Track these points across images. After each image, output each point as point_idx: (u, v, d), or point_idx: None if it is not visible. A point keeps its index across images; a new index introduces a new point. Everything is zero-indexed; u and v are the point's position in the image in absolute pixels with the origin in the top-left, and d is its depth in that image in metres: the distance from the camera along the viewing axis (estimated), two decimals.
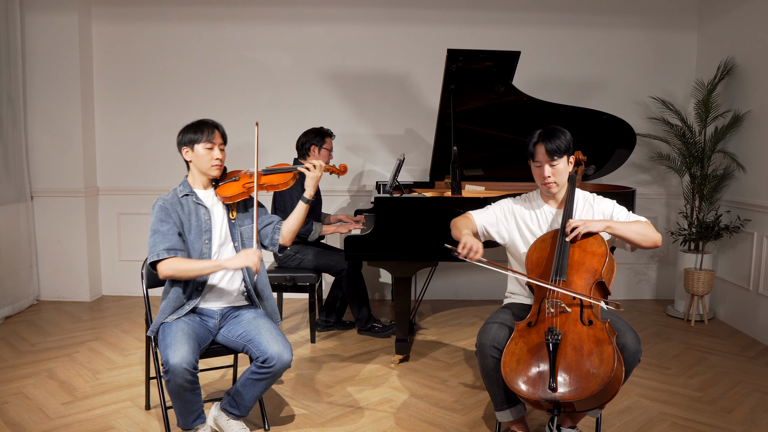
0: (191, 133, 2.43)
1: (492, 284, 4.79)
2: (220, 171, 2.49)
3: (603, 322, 2.09)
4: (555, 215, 2.45)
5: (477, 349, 2.28)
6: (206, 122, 2.46)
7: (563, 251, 2.25)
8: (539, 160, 2.37)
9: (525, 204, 2.52)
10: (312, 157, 3.79)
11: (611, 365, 1.95)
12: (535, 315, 2.20)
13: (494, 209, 2.54)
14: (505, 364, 2.09)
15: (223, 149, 2.47)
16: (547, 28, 4.66)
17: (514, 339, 2.15)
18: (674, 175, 4.67)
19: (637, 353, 2.14)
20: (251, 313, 2.47)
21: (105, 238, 4.84)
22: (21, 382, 3.12)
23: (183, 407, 2.29)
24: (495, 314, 2.38)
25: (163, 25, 4.64)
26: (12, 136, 4.31)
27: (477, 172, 4.15)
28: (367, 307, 3.86)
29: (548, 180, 2.36)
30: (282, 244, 2.56)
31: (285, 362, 2.29)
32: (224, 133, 2.50)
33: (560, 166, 2.35)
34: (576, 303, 2.16)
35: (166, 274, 2.30)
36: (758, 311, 3.92)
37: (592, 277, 2.21)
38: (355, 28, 4.65)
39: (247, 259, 2.29)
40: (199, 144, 2.42)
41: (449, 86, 3.44)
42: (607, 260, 2.23)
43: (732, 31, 4.27)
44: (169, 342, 2.21)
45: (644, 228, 2.33)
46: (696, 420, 2.74)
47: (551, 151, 2.32)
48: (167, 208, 2.38)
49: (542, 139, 2.36)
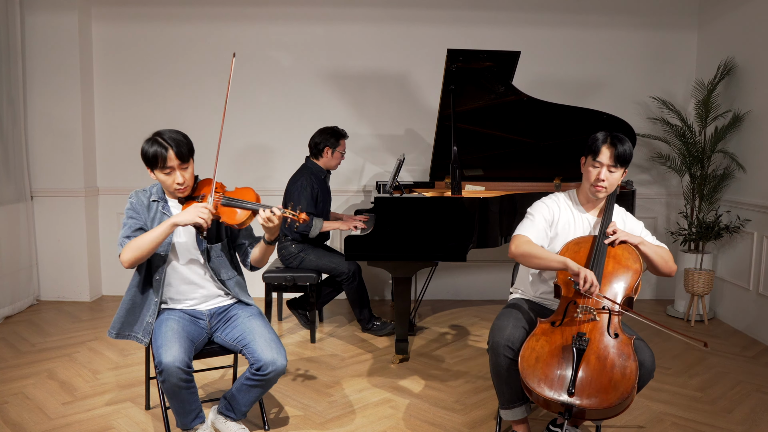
0: (146, 160, 2.26)
1: (492, 284, 4.80)
2: (186, 194, 2.32)
3: (629, 338, 2.09)
4: (594, 224, 2.42)
5: (489, 347, 2.27)
6: (157, 144, 2.23)
7: (600, 260, 2.22)
8: (601, 161, 2.29)
9: (565, 207, 2.44)
10: (325, 158, 3.79)
11: (632, 381, 1.96)
12: (560, 316, 2.18)
13: (539, 220, 2.39)
14: (523, 359, 2.07)
15: (186, 167, 2.27)
16: (547, 28, 4.66)
17: (536, 335, 2.14)
18: (674, 175, 4.67)
19: (652, 371, 2.15)
20: (245, 312, 2.44)
21: (105, 238, 4.83)
22: (21, 382, 3.12)
23: (180, 407, 2.28)
24: (507, 312, 2.35)
25: (163, 25, 4.64)
26: (12, 136, 4.31)
27: (477, 172, 4.15)
28: (368, 308, 3.87)
29: (600, 184, 2.30)
30: (252, 266, 2.47)
31: (279, 369, 2.26)
32: (182, 150, 2.24)
33: (617, 175, 2.31)
34: (605, 312, 2.15)
35: (127, 257, 2.21)
36: (758, 311, 3.92)
37: (624, 291, 2.21)
38: (355, 28, 4.65)
39: (198, 214, 2.15)
40: (154, 172, 2.27)
41: (449, 86, 3.44)
42: (640, 278, 2.23)
43: (732, 31, 4.27)
44: (161, 342, 2.21)
45: (667, 254, 2.35)
46: (696, 420, 2.74)
47: (619, 157, 2.27)
48: (135, 207, 2.35)
49: (612, 141, 2.28)
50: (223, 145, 2.52)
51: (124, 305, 2.43)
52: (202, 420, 2.38)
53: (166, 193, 2.40)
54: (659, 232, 4.85)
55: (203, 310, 2.46)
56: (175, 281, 2.42)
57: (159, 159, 2.23)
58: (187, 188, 2.31)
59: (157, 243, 2.22)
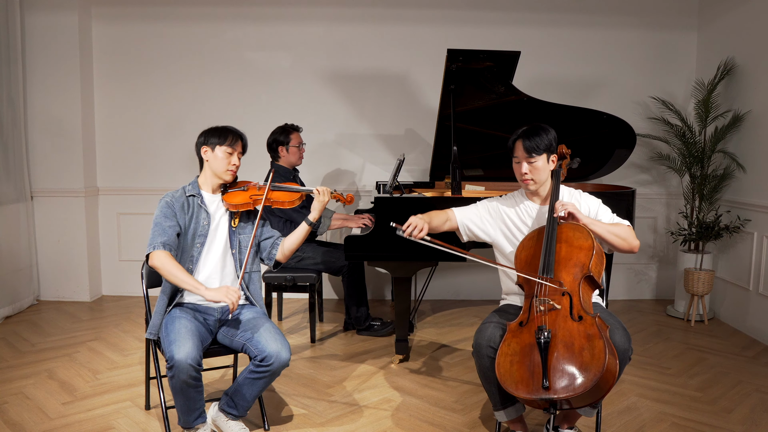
0: (216, 136, 2.48)
1: (492, 284, 4.79)
2: (233, 177, 2.53)
3: (593, 317, 2.07)
4: (539, 211, 2.46)
5: (474, 350, 2.29)
6: (232, 130, 2.52)
7: (551, 245, 2.24)
8: (517, 156, 2.40)
9: (509, 202, 2.55)
10: (283, 156, 3.77)
11: (602, 359, 1.93)
12: (526, 314, 2.19)
13: (478, 207, 2.57)
14: (499, 366, 2.08)
15: (240, 158, 2.52)
16: (547, 28, 4.66)
17: (506, 340, 2.14)
18: (674, 175, 4.67)
19: (626, 351, 2.13)
20: (250, 312, 2.49)
21: (105, 238, 4.84)
22: (21, 382, 3.12)
23: (186, 405, 2.29)
24: (491, 315, 2.39)
25: (163, 25, 4.64)
26: (12, 136, 4.31)
27: (477, 172, 4.15)
28: (366, 306, 3.86)
29: (525, 177, 2.39)
30: (278, 260, 2.60)
31: (283, 361, 2.30)
32: (246, 144, 2.57)
33: (539, 164, 2.37)
34: (565, 299, 2.15)
35: (154, 264, 2.33)
36: (758, 311, 3.92)
37: (581, 271, 2.20)
38: (355, 28, 4.65)
39: (226, 296, 2.29)
40: (221, 147, 2.46)
41: (449, 86, 3.44)
42: (594, 253, 2.21)
43: (732, 31, 4.27)
44: (173, 338, 2.23)
45: (624, 231, 2.33)
46: (696, 420, 2.74)
47: (529, 149, 2.35)
48: (173, 206, 2.42)
49: (522, 135, 2.39)
50: None
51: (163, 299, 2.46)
52: (204, 420, 2.39)
53: (202, 187, 2.51)
54: (659, 232, 4.85)
55: (215, 306, 2.48)
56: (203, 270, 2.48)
57: (231, 138, 2.48)
58: (235, 173, 2.53)
59: (176, 284, 2.34)
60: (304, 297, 4.65)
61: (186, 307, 2.45)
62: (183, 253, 2.44)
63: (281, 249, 2.58)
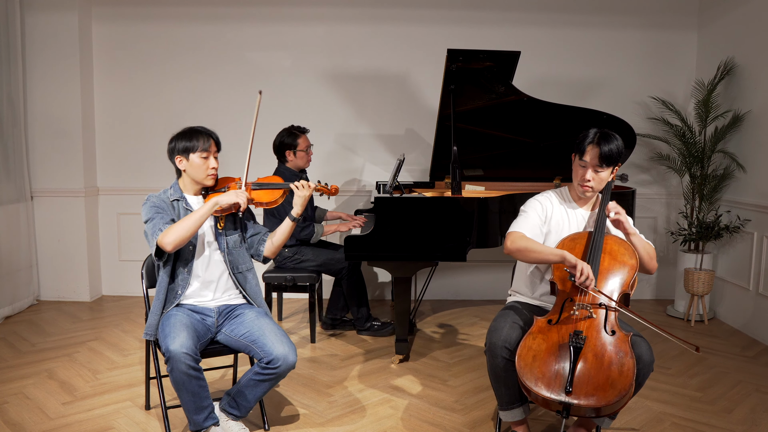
0: (185, 141, 2.40)
1: (492, 284, 4.80)
2: (214, 180, 2.48)
3: (626, 335, 2.08)
4: (588, 218, 2.42)
5: (487, 349, 2.26)
6: (200, 130, 2.43)
7: (596, 255, 2.21)
8: (586, 161, 2.28)
9: (558, 204, 2.45)
10: (290, 160, 3.76)
11: (630, 378, 1.95)
12: (557, 313, 2.17)
13: (533, 217, 2.39)
14: (520, 357, 2.06)
15: (217, 157, 2.46)
16: (547, 28, 4.66)
17: (532, 334, 2.12)
18: (674, 175, 4.67)
19: (650, 365, 2.14)
20: (253, 312, 2.47)
21: (105, 238, 4.84)
22: (21, 382, 3.12)
23: (192, 401, 2.26)
24: (504, 314, 2.34)
25: (163, 25, 4.64)
26: (12, 136, 4.31)
27: (477, 172, 4.15)
28: (366, 306, 3.86)
29: (587, 183, 2.30)
30: (266, 256, 2.58)
31: (290, 363, 2.29)
32: (218, 140, 2.48)
33: (604, 175, 2.30)
34: (601, 309, 2.14)
35: (170, 240, 2.24)
36: (758, 311, 3.92)
37: (620, 288, 2.20)
38: (355, 28, 4.65)
39: (237, 196, 2.34)
40: (194, 153, 2.39)
41: (449, 86, 3.44)
42: (636, 274, 2.22)
43: (732, 31, 4.27)
44: (168, 332, 2.23)
45: (653, 251, 2.36)
46: (696, 420, 2.74)
47: (604, 156, 2.24)
48: (161, 206, 2.40)
49: (598, 140, 2.26)
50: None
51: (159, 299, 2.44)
52: (215, 421, 2.36)
53: (184, 191, 2.47)
54: (659, 232, 4.85)
55: (212, 306, 2.47)
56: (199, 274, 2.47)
57: (203, 140, 2.40)
58: (216, 175, 2.47)
59: (200, 223, 2.30)
60: (304, 297, 4.65)
61: (184, 307, 2.44)
62: (179, 258, 2.42)
63: (268, 244, 2.56)
